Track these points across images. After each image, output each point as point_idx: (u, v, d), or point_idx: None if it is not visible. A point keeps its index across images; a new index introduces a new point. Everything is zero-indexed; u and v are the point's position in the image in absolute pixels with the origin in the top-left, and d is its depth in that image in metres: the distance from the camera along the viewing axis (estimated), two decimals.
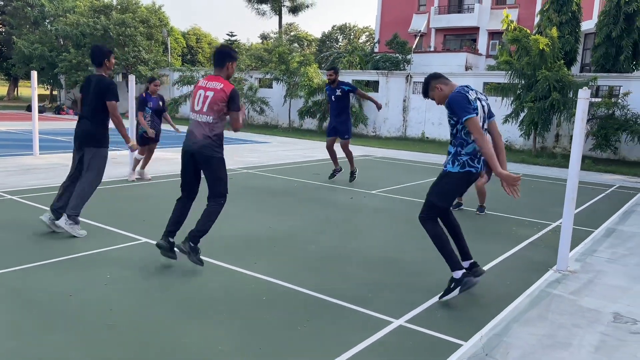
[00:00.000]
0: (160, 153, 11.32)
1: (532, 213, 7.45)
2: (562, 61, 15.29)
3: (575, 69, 19.01)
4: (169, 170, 9.48)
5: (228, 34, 47.71)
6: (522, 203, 8.22)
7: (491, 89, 16.06)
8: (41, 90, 38.85)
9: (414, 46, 26.27)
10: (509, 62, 15.30)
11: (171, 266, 4.47)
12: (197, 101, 4.32)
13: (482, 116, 3.87)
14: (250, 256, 4.82)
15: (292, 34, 59.23)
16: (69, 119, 22.87)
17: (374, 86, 21.29)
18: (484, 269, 4.24)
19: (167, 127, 9.61)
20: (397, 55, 24.06)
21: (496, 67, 18.04)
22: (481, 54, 28.07)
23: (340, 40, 60.62)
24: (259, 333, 3.31)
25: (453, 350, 3.20)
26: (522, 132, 15.36)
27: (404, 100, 20.21)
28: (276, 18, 39.19)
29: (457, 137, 3.88)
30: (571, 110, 13.51)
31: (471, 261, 4.18)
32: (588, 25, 20.64)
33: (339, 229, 6.05)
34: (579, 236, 6.12)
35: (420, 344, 3.28)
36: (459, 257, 4.00)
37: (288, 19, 55.13)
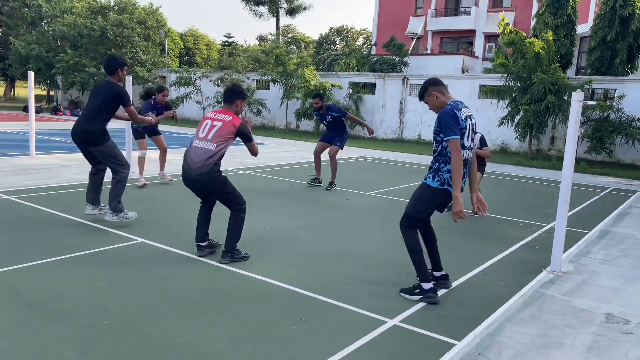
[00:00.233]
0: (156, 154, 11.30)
1: (527, 215, 7.49)
2: (558, 64, 15.38)
3: (570, 72, 19.10)
4: (167, 171, 9.47)
5: (225, 36, 47.71)
6: (517, 205, 8.28)
7: (487, 92, 16.14)
8: (38, 91, 38.79)
9: (410, 48, 26.36)
10: (505, 64, 15.38)
11: (167, 266, 4.49)
12: (203, 129, 4.53)
13: (469, 135, 3.93)
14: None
15: (290, 35, 59.29)
16: (66, 120, 22.84)
17: (370, 88, 21.35)
18: (480, 267, 4.26)
19: (167, 128, 9.60)
20: (394, 57, 24.14)
21: (492, 70, 18.14)
22: (477, 57, 28.18)
23: (338, 42, 60.71)
24: (253, 332, 3.34)
25: (446, 350, 3.22)
26: (518, 134, 15.44)
27: (401, 103, 20.28)
28: (273, 20, 39.22)
29: (441, 154, 3.90)
30: (566, 113, 13.58)
31: (443, 273, 4.29)
32: (583, 28, 20.76)
33: (334, 230, 6.08)
34: (573, 238, 6.17)
35: (414, 344, 3.31)
36: (427, 271, 4.06)
37: (285, 20, 55.26)
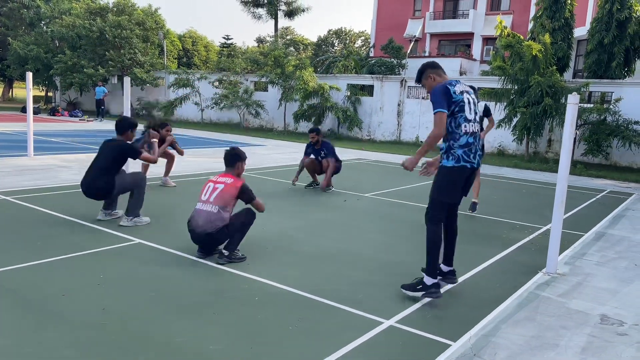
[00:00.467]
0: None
1: (524, 217, 7.52)
2: (555, 67, 15.44)
3: (568, 75, 19.18)
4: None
5: (224, 37, 47.88)
6: (514, 207, 8.31)
7: (485, 94, 16.18)
8: (36, 92, 38.74)
9: (408, 51, 26.43)
10: (503, 67, 15.44)
11: (164, 267, 4.50)
12: (205, 192, 4.69)
13: (471, 108, 3.90)
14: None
15: (288, 37, 59.36)
16: (64, 120, 22.83)
17: (368, 90, 21.40)
18: (476, 268, 4.27)
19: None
20: (392, 59, 24.23)
21: (490, 73, 18.18)
22: (475, 60, 28.29)
23: (336, 44, 60.81)
24: (250, 332, 3.35)
25: (442, 350, 3.25)
26: (515, 137, 15.48)
27: (399, 105, 20.32)
28: (272, 22, 39.29)
29: (449, 133, 3.88)
30: (563, 116, 13.57)
31: (452, 269, 4.29)
32: (581, 31, 20.84)
33: (331, 231, 6.10)
34: (569, 240, 6.20)
35: (409, 344, 3.33)
36: (437, 269, 4.06)
37: (284, 22, 55.33)
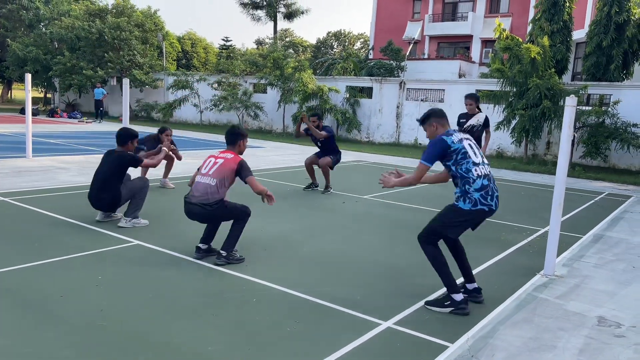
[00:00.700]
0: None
1: (522, 219, 7.54)
2: (553, 69, 15.47)
3: (566, 78, 19.21)
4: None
5: (223, 39, 47.81)
6: (512, 209, 8.32)
7: (483, 97, 16.21)
8: (35, 93, 38.70)
9: (407, 53, 26.47)
10: (501, 70, 15.46)
11: (163, 268, 4.50)
12: (206, 166, 4.76)
13: (475, 152, 3.93)
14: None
15: (287, 39, 59.44)
16: (63, 122, 22.83)
17: (367, 92, 21.41)
18: (475, 270, 4.23)
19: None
20: (391, 62, 24.23)
21: (489, 75, 18.22)
22: (474, 62, 28.31)
23: (335, 46, 60.90)
24: (248, 333, 3.36)
25: (439, 352, 3.25)
26: (514, 139, 15.51)
27: (397, 107, 20.35)
28: (271, 24, 39.35)
29: (462, 178, 3.85)
30: (562, 118, 13.58)
31: (476, 286, 4.18)
32: (579, 34, 20.90)
33: (330, 233, 6.10)
34: (567, 242, 6.21)
35: (407, 346, 3.34)
36: (455, 281, 3.98)
37: (283, 24, 55.26)
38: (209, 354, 3.07)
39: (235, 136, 4.91)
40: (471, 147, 3.92)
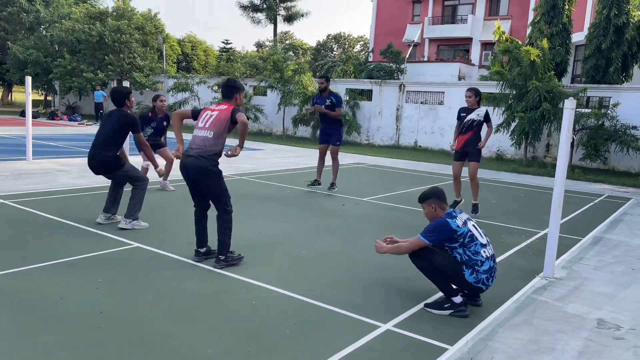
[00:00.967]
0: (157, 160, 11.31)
1: (521, 221, 7.54)
2: (553, 72, 15.49)
3: (566, 80, 19.23)
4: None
5: (223, 42, 47.87)
6: (512, 211, 8.33)
7: (483, 99, 16.20)
8: (35, 96, 38.75)
9: (407, 56, 26.51)
10: (501, 72, 15.48)
11: (162, 270, 4.51)
12: (203, 120, 4.66)
13: (481, 233, 4.00)
14: (242, 261, 4.87)
15: (287, 42, 59.51)
16: (63, 125, 22.84)
17: (367, 95, 21.43)
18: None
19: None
20: (391, 64, 24.27)
21: (488, 78, 18.26)
22: (474, 64, 28.36)
23: (335, 49, 60.95)
24: (247, 336, 3.36)
25: (439, 354, 3.26)
26: (514, 141, 15.52)
27: (397, 109, 20.36)
28: (271, 26, 39.39)
29: (467, 261, 3.87)
30: (561, 121, 13.65)
31: None
32: (579, 37, 20.92)
33: (330, 235, 6.11)
34: (566, 244, 6.21)
35: (406, 348, 3.34)
36: (452, 285, 4.00)
37: (283, 27, 55.46)
38: (208, 356, 3.08)
39: (231, 89, 4.73)
40: (475, 229, 3.99)
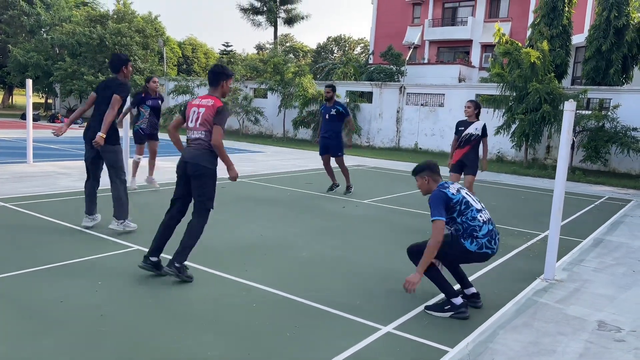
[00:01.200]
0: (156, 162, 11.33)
1: (522, 223, 7.54)
2: (553, 74, 15.51)
3: (566, 82, 19.25)
4: (162, 179, 9.51)
5: (224, 44, 47.98)
6: (512, 213, 8.33)
7: (483, 101, 16.25)
8: (36, 99, 38.83)
9: (407, 58, 26.53)
10: (501, 74, 15.50)
11: (162, 273, 4.50)
12: (192, 118, 4.41)
13: (475, 200, 4.05)
14: (242, 264, 4.87)
15: (288, 44, 59.57)
16: None
17: (367, 97, 21.46)
18: (474, 275, 4.24)
19: (164, 137, 9.62)
20: (391, 66, 24.29)
21: (488, 80, 18.25)
22: (474, 66, 28.39)
23: (335, 51, 61.01)
24: (247, 339, 3.36)
25: (440, 356, 3.25)
26: (514, 143, 15.53)
27: (398, 111, 20.38)
28: (272, 29, 39.47)
29: (465, 229, 3.91)
30: (562, 123, 13.66)
31: (474, 291, 4.19)
32: (579, 39, 20.95)
33: (330, 237, 6.10)
34: (567, 246, 6.21)
35: (407, 350, 3.33)
36: (452, 287, 4.00)
37: (283, 30, 55.53)
38: (208, 358, 3.07)
39: (218, 76, 4.43)
40: (469, 195, 4.04)
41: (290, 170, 12.31)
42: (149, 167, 8.43)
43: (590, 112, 15.43)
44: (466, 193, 4.04)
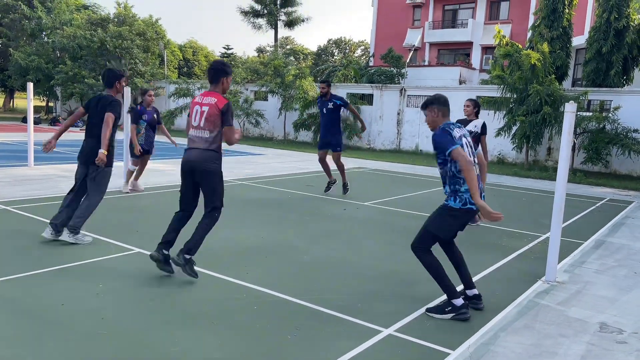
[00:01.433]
0: (154, 164, 11.36)
1: (523, 225, 7.53)
2: (554, 76, 15.51)
3: (566, 84, 19.26)
4: (163, 181, 9.53)
5: (224, 47, 47.94)
6: (513, 215, 8.31)
7: (484, 103, 16.25)
8: (37, 102, 38.88)
9: (408, 60, 26.55)
10: (502, 76, 15.51)
11: (163, 276, 4.50)
12: (195, 117, 4.43)
13: (468, 152, 3.95)
14: (243, 266, 4.87)
15: (288, 47, 59.65)
16: None
17: (368, 99, 21.47)
18: (476, 277, 4.23)
19: (161, 139, 9.65)
20: (392, 69, 24.30)
21: (489, 82, 18.27)
22: (475, 69, 28.38)
23: (336, 53, 61.09)
24: (249, 341, 3.35)
25: (441, 359, 3.24)
26: (515, 145, 15.52)
27: (398, 114, 20.39)
28: (272, 32, 39.51)
29: (453, 177, 3.88)
30: (562, 124, 13.66)
31: (476, 292, 4.16)
32: (579, 40, 20.95)
33: (331, 240, 6.10)
34: (568, 248, 6.20)
35: (408, 353, 3.33)
36: (455, 287, 3.97)
37: (284, 32, 55.59)
38: None
39: (218, 72, 4.45)
40: (467, 145, 3.98)
41: (291, 172, 12.31)
42: (136, 174, 8.49)
43: (591, 113, 15.43)
44: (466, 143, 3.96)
